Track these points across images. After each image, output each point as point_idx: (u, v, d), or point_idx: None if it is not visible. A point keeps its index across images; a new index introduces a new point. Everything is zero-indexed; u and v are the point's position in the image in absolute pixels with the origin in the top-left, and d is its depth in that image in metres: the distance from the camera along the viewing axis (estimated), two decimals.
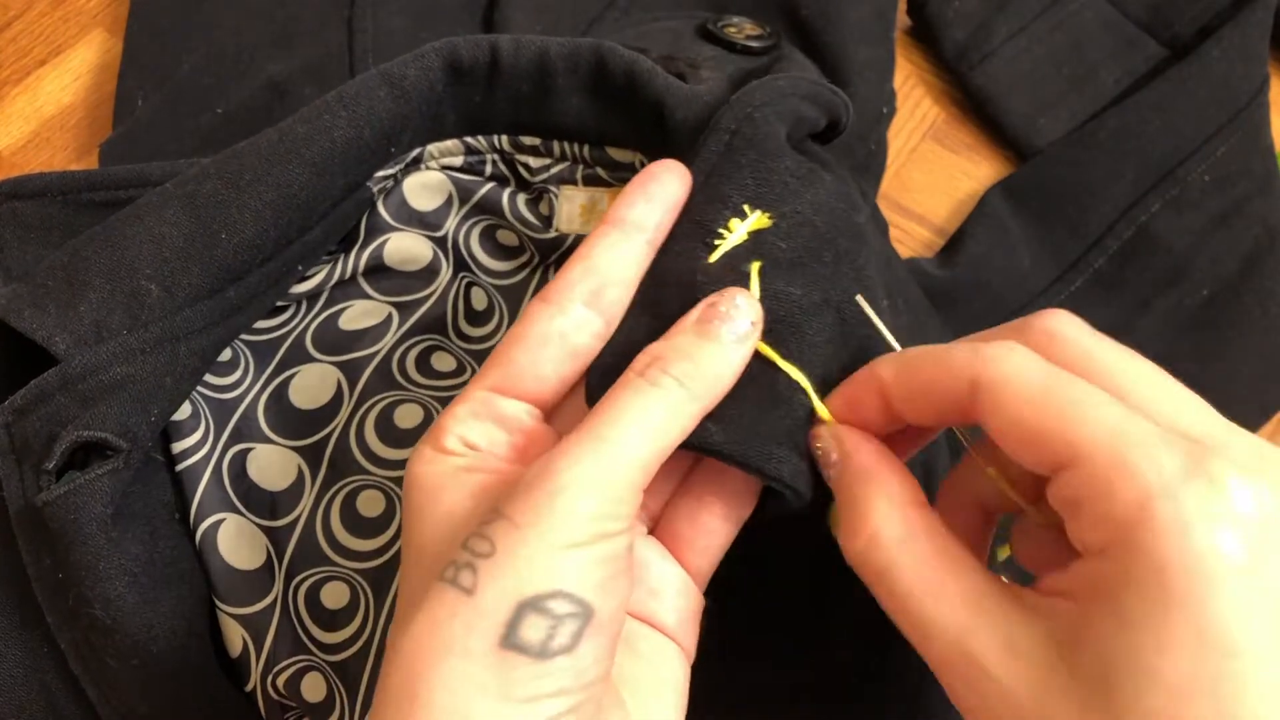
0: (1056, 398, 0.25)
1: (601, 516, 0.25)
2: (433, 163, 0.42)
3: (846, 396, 0.30)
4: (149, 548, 0.35)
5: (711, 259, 0.31)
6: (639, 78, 0.37)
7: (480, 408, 0.30)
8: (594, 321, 0.30)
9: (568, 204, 0.42)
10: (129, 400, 0.33)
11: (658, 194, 0.32)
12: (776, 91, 0.34)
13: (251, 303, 0.36)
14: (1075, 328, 0.27)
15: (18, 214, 0.38)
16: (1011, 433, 0.25)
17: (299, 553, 0.39)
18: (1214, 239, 0.52)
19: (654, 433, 0.27)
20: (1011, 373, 0.25)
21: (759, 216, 0.31)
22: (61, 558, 0.33)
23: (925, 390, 0.28)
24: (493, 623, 0.24)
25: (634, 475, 0.26)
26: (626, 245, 0.31)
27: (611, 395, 0.28)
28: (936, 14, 0.58)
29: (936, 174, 0.57)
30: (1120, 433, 0.24)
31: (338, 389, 0.42)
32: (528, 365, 0.30)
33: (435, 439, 0.29)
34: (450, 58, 0.37)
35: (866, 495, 0.28)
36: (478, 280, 0.44)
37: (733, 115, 0.33)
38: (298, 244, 0.37)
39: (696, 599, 0.31)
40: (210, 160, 0.36)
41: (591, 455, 0.26)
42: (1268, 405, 0.50)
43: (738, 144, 0.33)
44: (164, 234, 0.34)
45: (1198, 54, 0.54)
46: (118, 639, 0.33)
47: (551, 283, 0.31)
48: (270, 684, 0.37)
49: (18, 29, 0.59)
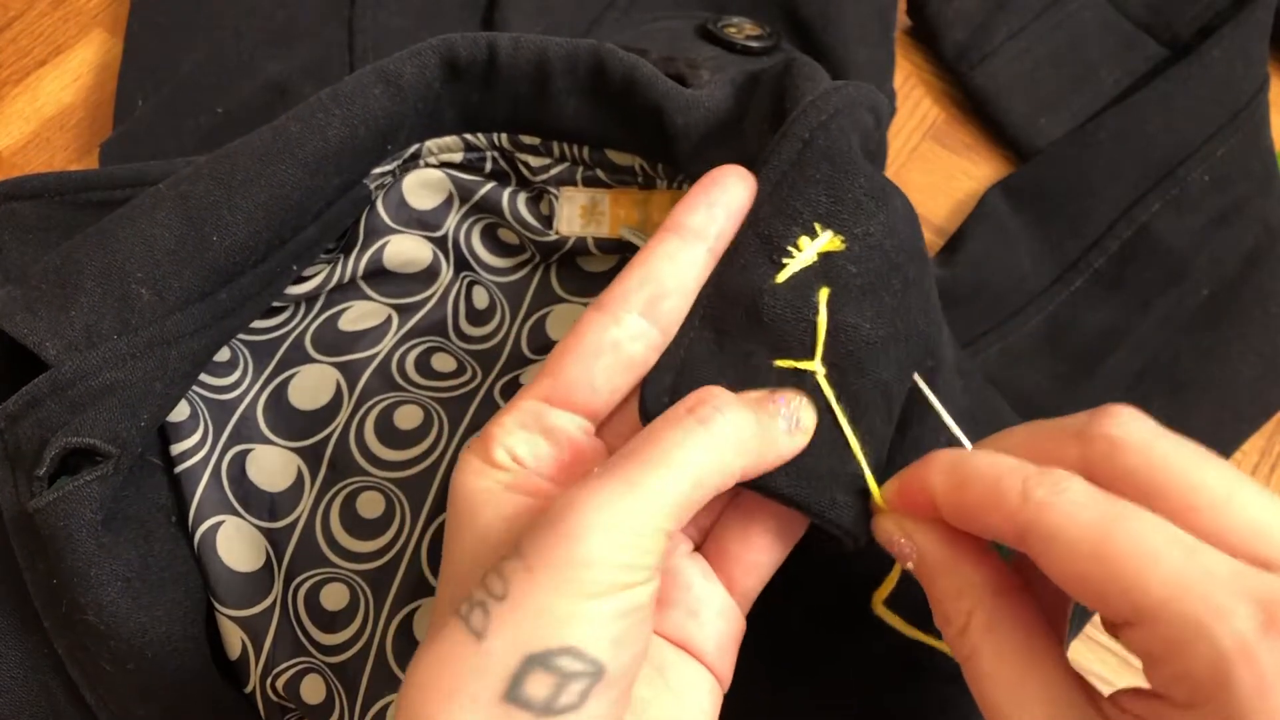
0: (1114, 549, 0.23)
1: (624, 566, 0.24)
2: (431, 158, 0.41)
3: (902, 491, 0.28)
4: (143, 552, 0.34)
5: (779, 279, 0.29)
6: (638, 83, 0.37)
7: (529, 419, 0.29)
8: (650, 332, 0.29)
9: (568, 205, 0.42)
10: (118, 406, 0.32)
11: (721, 200, 0.30)
12: (849, 100, 0.32)
13: (245, 304, 0.36)
14: (1141, 431, 0.25)
15: (16, 215, 0.38)
16: (1070, 586, 0.24)
17: (298, 554, 0.39)
18: (1214, 239, 0.52)
19: (693, 478, 0.25)
20: (1063, 523, 0.24)
21: (830, 238, 0.30)
22: (54, 564, 0.32)
23: (973, 516, 0.26)
24: (498, 674, 0.23)
25: (664, 523, 0.25)
26: (687, 254, 0.30)
27: (653, 430, 0.26)
28: (936, 14, 0.58)
29: (936, 174, 0.57)
30: (1186, 587, 0.22)
31: (337, 390, 0.42)
32: (580, 376, 0.29)
33: (483, 449, 0.28)
34: (448, 55, 0.37)
35: (953, 589, 0.27)
36: (479, 279, 0.44)
37: (806, 123, 0.31)
38: (292, 243, 0.36)
39: (738, 623, 0.30)
40: (204, 159, 0.35)
41: (620, 497, 0.24)
42: (1268, 405, 0.50)
43: (811, 155, 0.31)
44: (155, 236, 0.34)
45: (1198, 54, 0.54)
46: (112, 644, 0.33)
47: (607, 290, 0.29)
48: (269, 686, 0.37)
49: (18, 29, 0.59)
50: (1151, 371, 0.50)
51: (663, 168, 0.39)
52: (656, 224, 0.41)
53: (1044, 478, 0.25)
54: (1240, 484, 0.24)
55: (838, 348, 0.29)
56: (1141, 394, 0.50)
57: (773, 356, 0.29)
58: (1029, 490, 0.25)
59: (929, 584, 0.27)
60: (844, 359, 0.29)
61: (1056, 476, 0.25)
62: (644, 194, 0.41)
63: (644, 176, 0.40)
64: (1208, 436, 0.48)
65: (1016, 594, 0.26)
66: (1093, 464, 0.25)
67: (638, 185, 0.41)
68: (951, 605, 0.27)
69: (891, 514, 0.28)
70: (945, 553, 0.27)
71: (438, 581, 0.28)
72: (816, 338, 0.29)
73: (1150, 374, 0.50)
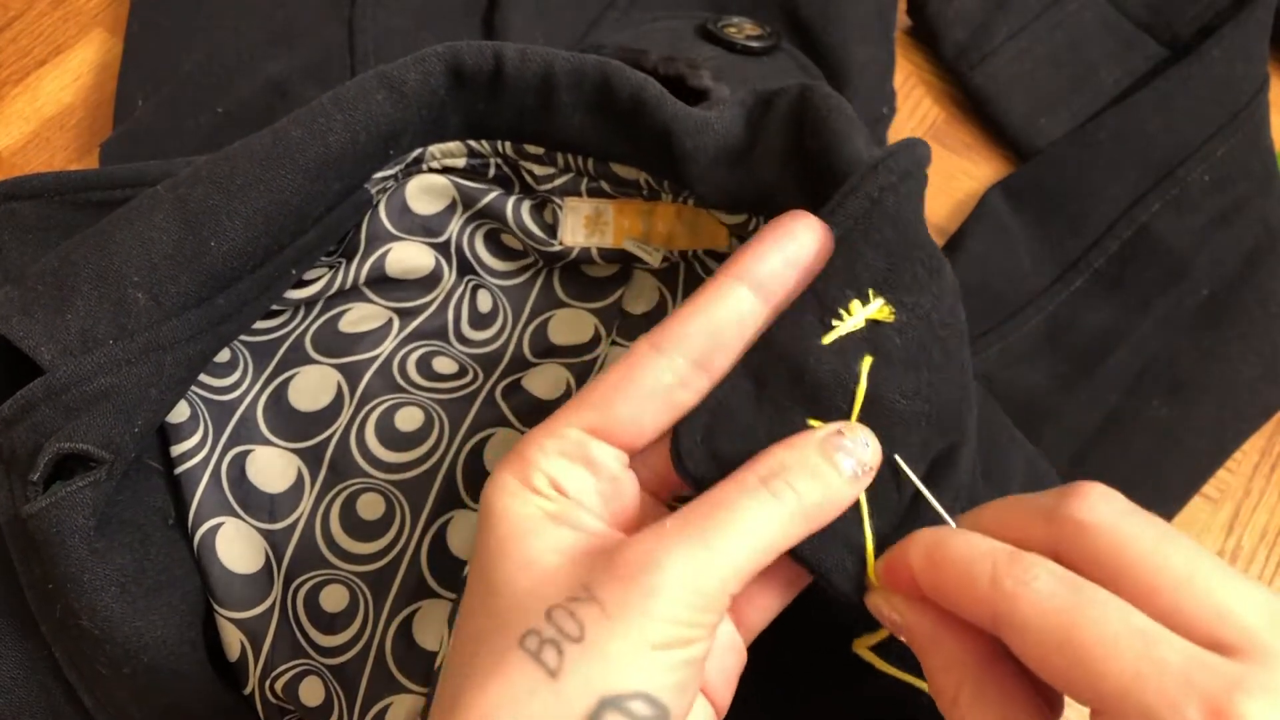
0: (1078, 638, 0.24)
1: (691, 623, 0.25)
2: (435, 163, 0.41)
3: (887, 569, 0.29)
4: (139, 556, 0.34)
5: (825, 340, 0.29)
6: (646, 103, 0.36)
7: (573, 449, 0.28)
8: (700, 381, 0.29)
9: (572, 216, 0.41)
10: (112, 411, 0.32)
11: (793, 254, 0.30)
12: (918, 161, 0.31)
13: (242, 309, 0.36)
14: (1108, 513, 0.26)
15: (16, 215, 0.38)
16: (1042, 672, 0.25)
17: (298, 556, 0.39)
18: (1214, 239, 0.52)
19: (762, 546, 0.26)
20: (1030, 612, 0.24)
21: (881, 306, 0.30)
22: (48, 569, 0.32)
23: (948, 598, 0.27)
24: (573, 713, 0.24)
25: (731, 585, 0.26)
26: (750, 307, 0.30)
27: (728, 495, 0.27)
28: (936, 14, 0.58)
29: (936, 174, 0.57)
30: (1142, 678, 0.23)
31: (338, 391, 0.42)
32: (629, 416, 0.29)
33: (521, 471, 0.28)
34: (453, 63, 0.36)
35: (939, 662, 0.27)
36: (483, 282, 0.44)
37: (877, 182, 0.30)
38: (291, 248, 0.36)
39: (741, 656, 0.30)
40: (203, 160, 0.35)
41: (695, 557, 0.25)
42: (1268, 405, 0.50)
43: (877, 218, 0.30)
44: (153, 240, 0.33)
45: (1198, 54, 0.54)
46: (108, 648, 0.33)
47: (665, 327, 0.29)
48: (268, 688, 0.37)
49: (18, 29, 0.59)
50: (1151, 371, 0.50)
51: (668, 184, 0.39)
52: (661, 235, 0.41)
53: (1013, 565, 0.25)
54: (1201, 563, 0.25)
55: (871, 419, 0.29)
56: (1141, 394, 0.50)
57: (808, 415, 0.29)
58: (998, 578, 0.25)
59: (922, 656, 0.28)
60: (874, 430, 0.29)
61: (1026, 564, 0.25)
62: (649, 205, 0.41)
63: (648, 190, 0.40)
64: (1208, 436, 0.49)
65: (1003, 664, 0.27)
66: (1061, 545, 0.26)
67: (642, 197, 0.41)
68: (942, 678, 0.27)
69: (881, 590, 0.29)
70: (931, 629, 0.28)
71: (465, 602, 0.28)
72: (854, 406, 0.29)
73: (1150, 374, 0.50)
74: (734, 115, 0.36)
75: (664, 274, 0.44)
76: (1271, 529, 0.49)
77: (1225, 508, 0.50)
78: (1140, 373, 0.50)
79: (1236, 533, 0.49)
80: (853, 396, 0.29)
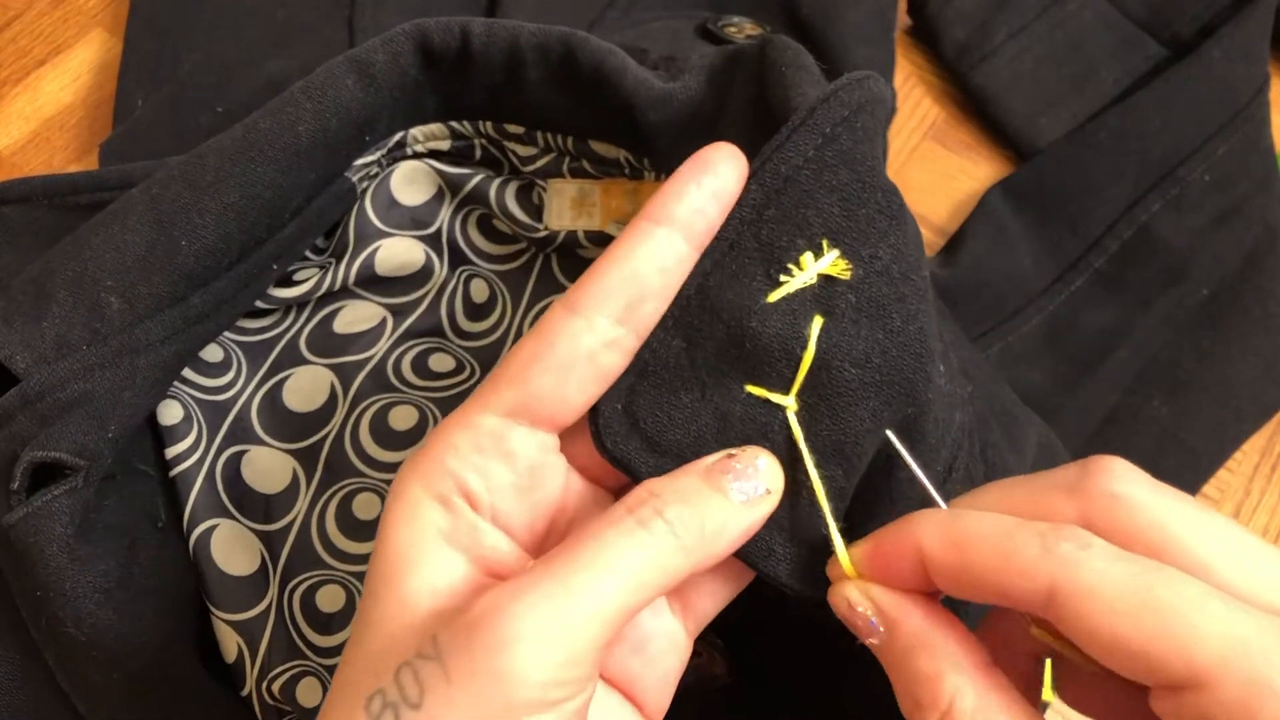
0: (1156, 607, 0.21)
1: (552, 682, 0.22)
2: (418, 146, 0.40)
3: (877, 555, 0.26)
4: (125, 561, 0.34)
5: (771, 298, 0.26)
6: (608, 75, 0.35)
7: (486, 440, 0.25)
8: (627, 339, 0.26)
9: (557, 199, 0.41)
10: (85, 418, 0.32)
11: (710, 187, 0.26)
12: (874, 94, 0.28)
13: (220, 308, 0.35)
14: (1140, 487, 0.24)
15: (5, 219, 0.38)
16: (1107, 650, 0.22)
17: (294, 556, 0.39)
18: (1214, 239, 0.52)
19: (631, 584, 0.23)
20: (1097, 581, 0.22)
21: (835, 259, 0.27)
22: (32, 577, 0.32)
23: (981, 580, 0.23)
24: None
25: (599, 631, 0.22)
26: (672, 250, 0.26)
27: (591, 529, 0.24)
28: (936, 14, 0.58)
29: (936, 174, 0.57)
30: (1241, 641, 0.20)
31: (332, 391, 0.42)
32: (549, 390, 0.25)
33: (426, 477, 0.25)
34: (421, 41, 0.35)
35: (932, 669, 0.24)
36: (478, 270, 0.43)
37: (828, 115, 0.27)
38: (270, 243, 0.35)
39: (685, 653, 0.28)
40: (178, 160, 0.34)
41: (552, 603, 0.22)
42: (1268, 405, 0.50)
43: (830, 157, 0.27)
44: (127, 242, 0.33)
45: (1198, 54, 0.54)
46: (96, 654, 0.33)
47: (579, 287, 0.26)
48: (265, 689, 0.37)
49: (18, 29, 0.59)
50: (1151, 371, 0.50)
51: (648, 161, 0.38)
52: None
53: (1062, 530, 0.23)
54: (1249, 538, 0.23)
55: (817, 387, 0.27)
56: (1142, 394, 0.50)
57: (746, 380, 0.27)
58: (1050, 544, 0.22)
59: (901, 662, 0.25)
60: (820, 401, 0.27)
61: (1074, 529, 0.23)
62: (634, 184, 0.40)
63: (630, 169, 0.39)
64: (1208, 436, 0.49)
65: (996, 672, 0.24)
66: (1091, 520, 0.24)
67: (625, 176, 0.40)
68: (929, 688, 0.24)
69: (859, 582, 0.26)
70: (926, 626, 0.24)
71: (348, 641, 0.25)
72: (798, 372, 0.26)
73: (1150, 374, 0.50)
74: (698, 82, 0.35)
75: None
76: (1272, 529, 0.49)
77: (1225, 508, 0.50)
78: (1140, 373, 0.50)
79: None
80: (798, 363, 0.26)
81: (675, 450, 0.27)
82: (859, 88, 0.28)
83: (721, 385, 0.27)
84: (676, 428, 0.27)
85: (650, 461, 0.27)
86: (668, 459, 0.27)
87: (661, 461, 0.27)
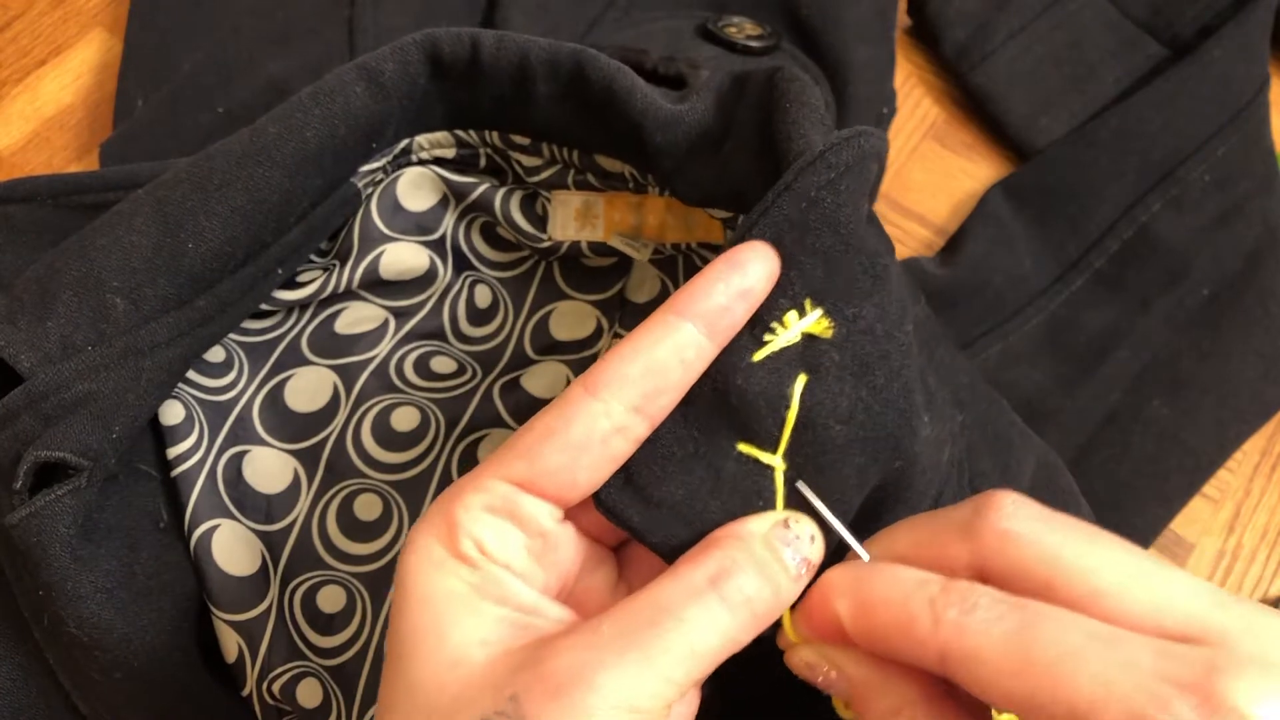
0: (1037, 658, 0.22)
1: None
2: (424, 153, 0.40)
3: (809, 619, 0.27)
4: (127, 562, 0.34)
5: (756, 357, 0.27)
6: (618, 95, 0.35)
7: (499, 503, 0.26)
8: (640, 427, 0.26)
9: (561, 210, 0.41)
10: (89, 418, 0.32)
11: (738, 286, 0.27)
12: (861, 154, 0.28)
13: (225, 311, 0.35)
14: (1030, 522, 0.25)
15: (9, 218, 0.38)
16: (1002, 703, 0.23)
17: (295, 557, 0.39)
18: (1215, 239, 0.52)
19: (709, 655, 0.24)
20: (981, 643, 0.23)
21: (819, 319, 0.27)
22: (35, 577, 0.32)
23: (886, 646, 0.25)
24: None
25: (672, 699, 0.24)
26: (694, 345, 0.26)
27: (673, 600, 0.25)
28: (936, 14, 0.58)
29: (936, 174, 0.57)
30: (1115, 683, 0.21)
31: (334, 392, 0.42)
32: (559, 469, 0.26)
33: (445, 533, 0.26)
34: (431, 51, 0.35)
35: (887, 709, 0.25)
36: (482, 277, 0.43)
37: (813, 179, 0.28)
38: (275, 247, 0.35)
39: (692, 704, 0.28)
40: (185, 161, 0.35)
41: (633, 672, 0.23)
42: (1268, 405, 0.50)
43: (815, 219, 0.27)
44: (133, 243, 0.33)
45: (1198, 53, 0.54)
46: (97, 655, 0.33)
47: (600, 369, 0.26)
48: (266, 689, 0.37)
49: (18, 29, 0.59)
50: (1151, 371, 0.50)
51: (652, 177, 0.38)
52: (653, 228, 0.41)
53: (950, 594, 0.24)
54: (1137, 560, 0.24)
55: (803, 446, 0.27)
56: (1142, 394, 0.50)
57: (738, 437, 0.27)
58: (939, 612, 0.24)
59: (863, 708, 0.26)
60: (805, 459, 0.27)
61: (962, 590, 0.24)
62: (638, 198, 0.41)
63: (634, 183, 0.39)
64: (1208, 436, 0.49)
65: (945, 700, 0.25)
66: (986, 560, 0.25)
67: (630, 190, 0.40)
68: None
69: (809, 644, 0.27)
70: (875, 673, 0.26)
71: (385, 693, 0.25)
72: (784, 430, 0.27)
73: (1150, 374, 0.50)
74: (707, 104, 0.35)
75: (663, 263, 0.43)
76: (1272, 529, 0.49)
77: (1225, 508, 0.50)
78: (1140, 372, 0.51)
79: (1236, 533, 0.49)
80: (783, 421, 0.27)
81: (670, 504, 0.27)
82: (848, 147, 0.28)
83: (713, 442, 0.27)
84: (671, 482, 0.27)
85: (645, 515, 0.27)
86: (662, 512, 0.27)
87: (656, 514, 0.27)
